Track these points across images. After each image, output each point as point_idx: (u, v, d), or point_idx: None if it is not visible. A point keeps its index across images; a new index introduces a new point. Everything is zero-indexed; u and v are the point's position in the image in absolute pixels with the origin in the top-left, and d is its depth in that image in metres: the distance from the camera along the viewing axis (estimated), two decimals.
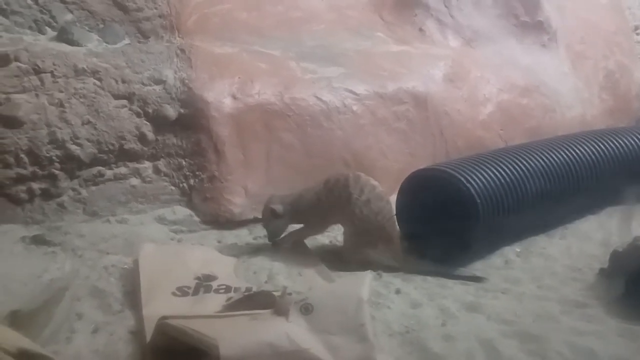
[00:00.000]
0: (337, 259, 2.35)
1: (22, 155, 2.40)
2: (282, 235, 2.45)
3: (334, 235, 2.54)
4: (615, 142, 2.94)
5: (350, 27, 3.49)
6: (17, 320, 1.61)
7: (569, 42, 4.15)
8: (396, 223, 2.34)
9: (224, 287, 2.01)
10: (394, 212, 2.38)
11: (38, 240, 2.26)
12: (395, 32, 3.58)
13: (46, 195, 2.46)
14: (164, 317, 1.57)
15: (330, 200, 2.31)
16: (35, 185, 2.43)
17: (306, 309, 1.57)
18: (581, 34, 4.26)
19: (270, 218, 2.40)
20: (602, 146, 2.88)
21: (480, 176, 2.40)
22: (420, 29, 3.63)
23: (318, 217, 2.39)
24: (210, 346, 1.44)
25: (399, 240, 2.31)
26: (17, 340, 1.29)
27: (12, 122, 2.40)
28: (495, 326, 1.86)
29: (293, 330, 1.51)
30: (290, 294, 1.70)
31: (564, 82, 3.92)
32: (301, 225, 2.45)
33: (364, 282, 1.70)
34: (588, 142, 2.87)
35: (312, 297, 1.60)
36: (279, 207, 2.38)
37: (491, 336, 1.79)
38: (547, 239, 2.61)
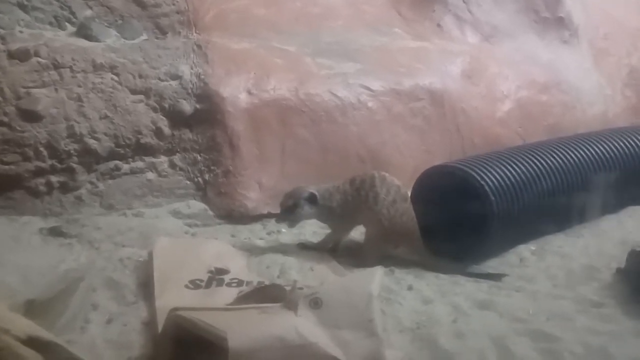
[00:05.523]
0: (351, 256, 2.34)
1: (41, 149, 2.44)
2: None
3: None
4: (636, 140, 2.88)
5: (368, 23, 3.47)
6: (33, 309, 1.63)
7: (591, 38, 4.07)
8: (417, 223, 2.30)
9: (236, 280, 2.03)
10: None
11: (55, 232, 2.30)
12: (413, 28, 3.56)
13: (64, 188, 2.49)
14: (176, 309, 1.58)
15: (357, 201, 2.28)
16: (54, 178, 2.47)
17: (315, 304, 1.57)
18: (604, 30, 4.18)
19: (303, 202, 2.27)
20: (622, 144, 2.82)
21: (495, 173, 2.37)
22: (438, 25, 3.60)
23: (347, 217, 2.34)
24: (219, 338, 1.45)
25: (420, 241, 2.29)
26: (27, 327, 1.32)
27: (31, 116, 2.44)
28: (508, 324, 1.85)
29: (302, 324, 1.52)
30: (300, 288, 1.70)
31: (586, 79, 3.85)
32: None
33: (374, 278, 1.70)
34: (608, 139, 2.82)
35: (322, 292, 1.61)
36: (316, 194, 2.27)
37: (503, 334, 1.78)
38: (564, 238, 2.57)
